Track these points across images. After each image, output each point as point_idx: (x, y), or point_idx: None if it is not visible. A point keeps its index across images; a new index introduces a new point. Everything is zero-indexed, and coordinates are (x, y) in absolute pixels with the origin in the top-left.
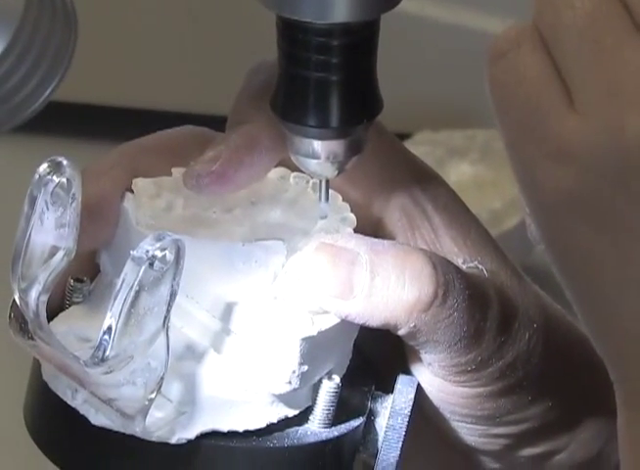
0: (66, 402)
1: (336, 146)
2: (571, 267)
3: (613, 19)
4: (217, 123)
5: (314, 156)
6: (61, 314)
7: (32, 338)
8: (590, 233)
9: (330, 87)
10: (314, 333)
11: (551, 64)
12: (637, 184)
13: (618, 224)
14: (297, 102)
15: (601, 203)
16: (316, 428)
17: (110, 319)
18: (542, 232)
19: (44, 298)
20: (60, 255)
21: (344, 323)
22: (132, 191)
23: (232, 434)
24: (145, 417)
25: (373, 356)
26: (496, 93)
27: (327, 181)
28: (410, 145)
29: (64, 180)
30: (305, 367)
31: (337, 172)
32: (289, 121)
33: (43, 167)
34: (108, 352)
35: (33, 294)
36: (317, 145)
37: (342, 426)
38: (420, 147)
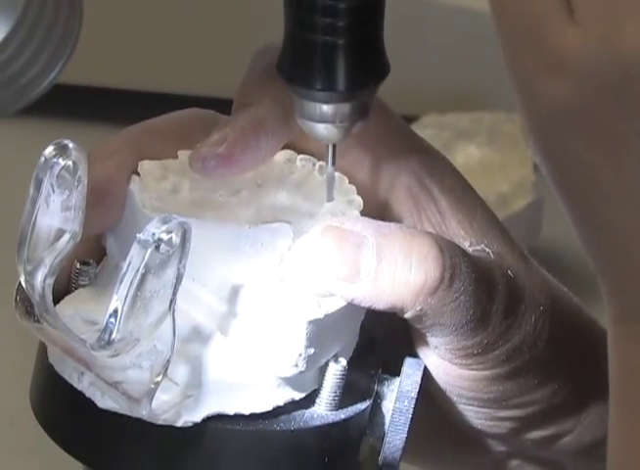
0: (72, 385)
1: (342, 109)
2: (566, 181)
3: None
4: (223, 106)
5: (321, 119)
6: (67, 297)
7: (38, 321)
8: (586, 146)
9: (336, 50)
10: (321, 316)
11: None
12: (634, 96)
13: (615, 138)
14: (304, 65)
15: (597, 115)
16: (323, 411)
17: (116, 302)
18: (538, 145)
19: (50, 281)
20: (66, 237)
21: (351, 306)
22: (138, 174)
23: (238, 417)
24: (151, 400)
25: (379, 339)
26: (496, 2)
27: (334, 146)
28: (417, 128)
29: (69, 163)
30: (312, 350)
31: (343, 137)
32: (295, 85)
33: (49, 150)
34: (114, 335)
35: (39, 277)
36: (324, 109)
37: (349, 409)
38: (427, 130)
